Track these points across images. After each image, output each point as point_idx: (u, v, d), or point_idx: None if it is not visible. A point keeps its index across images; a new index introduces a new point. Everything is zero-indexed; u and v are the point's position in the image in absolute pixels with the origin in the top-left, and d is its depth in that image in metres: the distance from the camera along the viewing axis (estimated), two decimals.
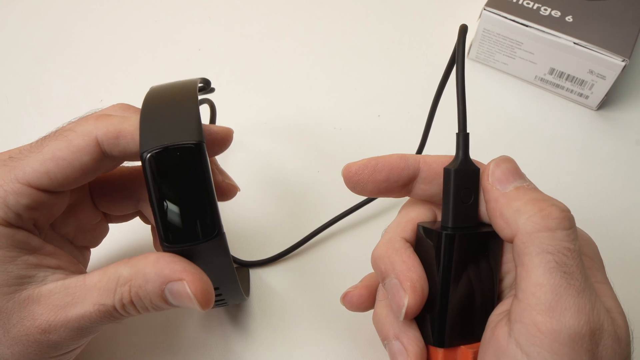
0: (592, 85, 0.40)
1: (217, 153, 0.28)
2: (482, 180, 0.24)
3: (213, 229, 0.23)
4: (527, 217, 0.21)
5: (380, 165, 0.25)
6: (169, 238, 0.23)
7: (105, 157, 0.25)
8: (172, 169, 0.23)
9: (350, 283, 0.28)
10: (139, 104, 0.43)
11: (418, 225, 0.26)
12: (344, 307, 0.28)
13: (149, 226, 0.32)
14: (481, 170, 0.24)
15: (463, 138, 0.24)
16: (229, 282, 0.26)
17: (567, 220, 0.21)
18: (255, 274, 0.35)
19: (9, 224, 0.23)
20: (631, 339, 0.21)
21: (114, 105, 0.28)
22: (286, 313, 0.33)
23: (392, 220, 0.27)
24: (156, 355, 0.32)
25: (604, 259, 0.25)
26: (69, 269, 0.25)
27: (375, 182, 0.25)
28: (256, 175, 0.39)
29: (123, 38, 0.47)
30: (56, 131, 0.25)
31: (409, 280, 0.23)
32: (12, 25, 0.48)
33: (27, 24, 0.48)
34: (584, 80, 0.41)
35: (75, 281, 0.24)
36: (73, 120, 0.26)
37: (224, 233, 0.24)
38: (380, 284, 0.26)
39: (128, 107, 0.28)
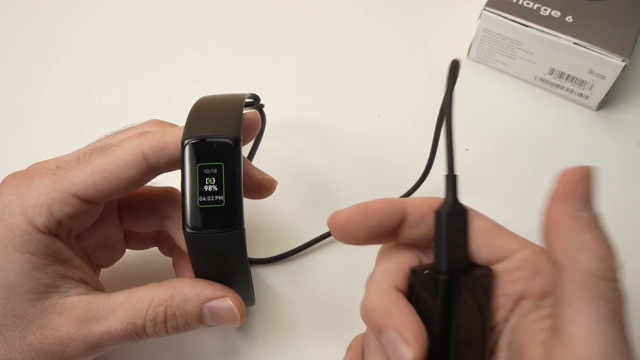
0: (592, 85, 0.40)
1: (251, 137, 0.30)
2: (558, 187, 0.21)
3: (235, 220, 0.25)
4: (592, 258, 0.20)
5: (371, 210, 0.23)
6: (193, 223, 0.24)
7: (151, 170, 0.26)
8: (206, 158, 0.24)
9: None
10: (139, 104, 0.43)
11: (411, 270, 0.25)
12: None
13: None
14: (559, 177, 0.21)
15: (452, 180, 0.24)
16: (242, 278, 0.27)
17: (617, 270, 0.21)
18: (254, 273, 0.35)
19: (48, 231, 0.24)
20: None
21: (148, 122, 0.29)
22: (286, 313, 0.33)
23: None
24: (157, 357, 0.32)
25: None
26: (91, 284, 0.26)
27: (367, 229, 0.24)
28: None
29: (123, 38, 0.47)
30: (102, 147, 0.26)
31: (410, 332, 0.22)
32: (12, 26, 0.48)
33: (27, 25, 0.48)
34: (584, 80, 0.40)
35: (99, 298, 0.25)
36: (112, 135, 0.27)
37: (244, 228, 0.25)
38: (370, 338, 0.25)
39: (162, 122, 0.29)
